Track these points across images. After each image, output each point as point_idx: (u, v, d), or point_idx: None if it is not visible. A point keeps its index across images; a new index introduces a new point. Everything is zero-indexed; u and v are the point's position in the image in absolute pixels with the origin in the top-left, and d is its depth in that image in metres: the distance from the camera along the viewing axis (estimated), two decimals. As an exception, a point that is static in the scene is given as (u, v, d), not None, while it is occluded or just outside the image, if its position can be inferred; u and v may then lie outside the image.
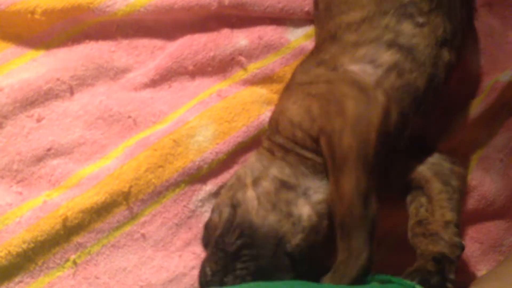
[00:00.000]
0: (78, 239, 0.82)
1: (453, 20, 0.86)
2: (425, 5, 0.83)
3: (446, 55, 0.84)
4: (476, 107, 0.98)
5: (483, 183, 0.99)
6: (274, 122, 0.85)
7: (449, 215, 0.80)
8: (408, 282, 0.69)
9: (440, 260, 0.74)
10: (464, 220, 0.98)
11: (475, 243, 0.99)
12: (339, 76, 0.80)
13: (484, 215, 1.00)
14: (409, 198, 0.84)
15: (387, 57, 0.80)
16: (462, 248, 0.77)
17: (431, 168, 0.84)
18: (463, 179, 0.86)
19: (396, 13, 0.82)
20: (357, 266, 0.69)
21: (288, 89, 0.88)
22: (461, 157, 0.98)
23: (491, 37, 1.04)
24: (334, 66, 0.82)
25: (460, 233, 0.80)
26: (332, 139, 0.73)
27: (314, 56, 0.89)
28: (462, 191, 0.84)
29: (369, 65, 0.80)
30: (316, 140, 0.77)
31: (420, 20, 0.82)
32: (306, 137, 0.78)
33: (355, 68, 0.80)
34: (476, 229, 1.00)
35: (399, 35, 0.82)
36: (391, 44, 0.81)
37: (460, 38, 0.88)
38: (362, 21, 0.83)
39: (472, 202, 0.99)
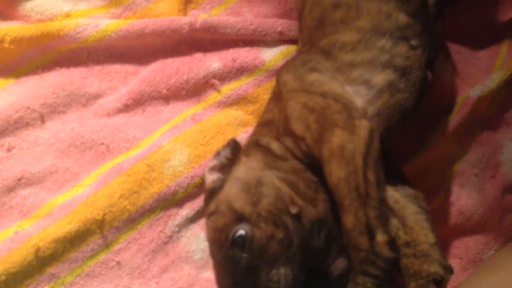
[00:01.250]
0: (51, 269, 0.80)
1: (436, 40, 0.88)
2: (418, 27, 0.85)
3: (429, 75, 0.87)
4: (449, 123, 0.97)
5: (460, 198, 0.99)
6: (281, 128, 0.83)
7: (432, 236, 0.81)
8: None
9: (440, 282, 0.75)
10: (442, 236, 0.98)
11: (455, 259, 0.99)
12: (333, 94, 0.79)
13: (462, 230, 1.00)
14: None
15: (382, 77, 0.81)
16: (452, 270, 0.77)
17: (398, 191, 0.84)
18: (426, 202, 0.86)
19: (392, 36, 0.83)
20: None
21: (282, 96, 0.86)
22: (437, 173, 0.98)
23: (460, 54, 1.04)
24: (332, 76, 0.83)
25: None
26: (325, 168, 0.75)
27: (303, 61, 0.87)
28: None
29: (363, 86, 0.81)
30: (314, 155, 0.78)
31: (414, 42, 0.84)
32: (307, 150, 0.79)
33: (349, 89, 0.80)
34: (455, 245, 1.00)
35: (395, 57, 0.82)
36: (386, 65, 0.82)
37: (438, 54, 0.90)
38: (358, 41, 0.83)
39: (450, 218, 0.99)
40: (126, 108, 0.92)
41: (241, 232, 0.74)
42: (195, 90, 0.96)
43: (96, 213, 0.82)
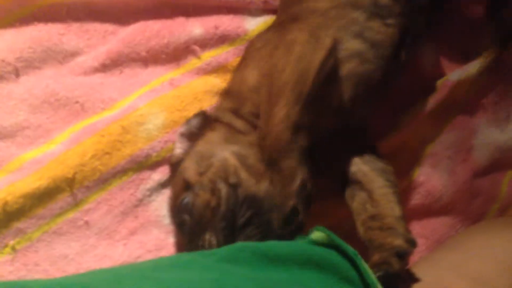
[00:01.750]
0: (18, 224, 0.79)
1: (415, 23, 0.88)
2: (397, 8, 0.84)
3: (402, 55, 0.87)
4: (425, 104, 0.98)
5: (431, 179, 1.00)
6: (236, 94, 0.85)
7: (398, 209, 0.81)
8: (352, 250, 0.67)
9: (403, 255, 0.75)
10: (410, 215, 0.99)
11: (421, 238, 1.00)
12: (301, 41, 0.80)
13: (430, 211, 1.01)
14: (348, 193, 0.85)
15: (351, 44, 0.82)
16: (415, 244, 0.78)
17: (367, 164, 0.85)
18: (395, 176, 0.87)
19: (367, 11, 0.83)
20: (293, 187, 0.72)
21: (244, 58, 0.88)
22: (410, 153, 0.99)
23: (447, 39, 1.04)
24: None
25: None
26: (273, 77, 0.75)
27: (272, 31, 0.88)
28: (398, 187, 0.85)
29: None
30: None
31: (389, 21, 0.84)
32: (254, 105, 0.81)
33: None
34: (422, 225, 1.01)
35: (365, 30, 0.82)
36: (357, 35, 0.82)
37: (417, 40, 0.91)
38: (330, 8, 0.83)
39: (419, 198, 1.00)
40: (104, 67, 0.90)
41: (186, 199, 0.77)
42: (175, 54, 0.94)
43: (66, 171, 0.81)
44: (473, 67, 1.00)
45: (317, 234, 0.69)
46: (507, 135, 1.04)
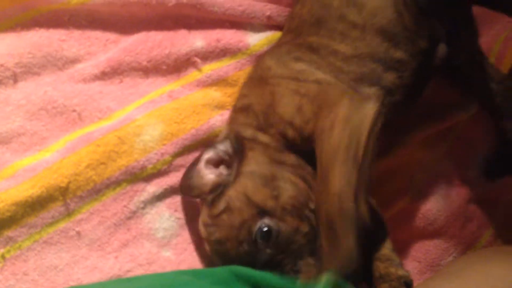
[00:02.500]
0: (8, 232, 0.78)
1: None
2: (414, 64, 0.86)
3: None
4: (422, 129, 0.98)
5: (426, 202, 1.01)
6: (262, 115, 0.82)
7: (389, 243, 0.83)
8: None
9: (409, 284, 0.77)
10: (404, 238, 0.99)
11: (414, 262, 1.00)
12: (328, 82, 0.81)
13: (423, 234, 1.01)
14: None
15: (368, 90, 0.83)
16: (411, 280, 0.79)
17: None
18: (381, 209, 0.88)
19: (385, 65, 0.84)
20: (345, 266, 0.68)
21: (266, 81, 0.85)
22: (404, 176, 0.99)
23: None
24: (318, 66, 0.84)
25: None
26: (322, 137, 0.73)
27: (288, 50, 0.87)
28: None
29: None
30: (307, 140, 0.77)
31: (405, 74, 0.85)
32: (297, 136, 0.78)
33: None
34: (415, 248, 1.01)
35: (382, 79, 0.84)
36: (373, 83, 0.84)
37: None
38: (351, 56, 0.84)
39: (413, 221, 1.00)
40: (103, 76, 0.90)
41: (267, 226, 0.72)
42: (176, 65, 0.94)
43: (60, 180, 0.80)
44: (472, 108, 1.02)
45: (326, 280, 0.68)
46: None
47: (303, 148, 0.78)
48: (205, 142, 0.90)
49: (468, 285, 0.80)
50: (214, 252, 0.77)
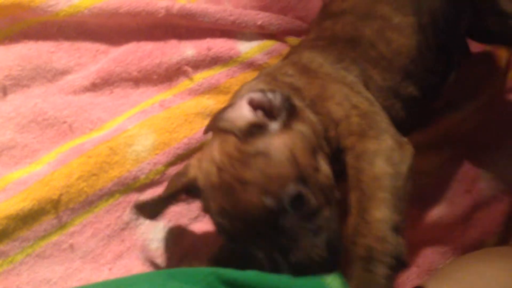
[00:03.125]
0: (0, 246, 0.78)
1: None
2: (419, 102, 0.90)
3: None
4: (424, 134, 0.98)
5: (427, 209, 0.99)
6: (309, 101, 0.80)
7: None
8: None
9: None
10: (406, 241, 0.99)
11: (413, 267, 1.00)
12: (378, 107, 0.81)
13: (423, 240, 1.00)
14: None
15: None
16: None
17: None
18: None
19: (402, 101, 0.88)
20: None
21: (316, 74, 0.84)
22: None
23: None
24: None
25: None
26: (364, 158, 0.73)
27: (338, 57, 0.88)
28: None
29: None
30: (340, 149, 0.76)
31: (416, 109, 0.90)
32: (335, 139, 0.77)
33: None
34: (415, 253, 1.00)
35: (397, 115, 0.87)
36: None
37: None
38: (380, 87, 0.87)
39: (413, 226, 0.99)
40: (94, 87, 0.91)
41: (301, 192, 0.69)
42: (167, 75, 0.95)
43: (52, 192, 0.81)
44: (469, 105, 1.01)
45: (333, 282, 0.67)
46: None
47: (330, 150, 0.78)
48: (198, 151, 0.91)
49: (461, 286, 0.80)
50: (225, 192, 0.71)
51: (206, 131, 0.77)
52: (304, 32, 1.04)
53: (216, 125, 0.74)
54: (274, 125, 0.72)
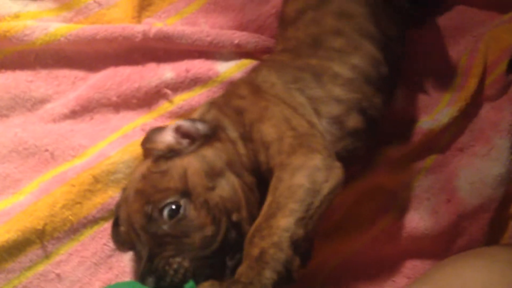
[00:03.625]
0: (-14, 279, 0.78)
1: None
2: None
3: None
4: (399, 148, 1.00)
5: (412, 220, 1.00)
6: (248, 126, 0.83)
7: None
8: None
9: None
10: (392, 255, 1.00)
11: (403, 278, 1.00)
12: (318, 129, 0.83)
13: (412, 251, 1.01)
14: None
15: (354, 123, 0.87)
16: None
17: None
18: None
19: (375, 85, 0.90)
20: None
21: (264, 95, 0.87)
22: (384, 195, 1.00)
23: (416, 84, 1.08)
24: (315, 108, 0.86)
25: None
26: (286, 170, 0.75)
27: (295, 77, 0.89)
28: None
29: (336, 125, 0.86)
30: (269, 170, 0.78)
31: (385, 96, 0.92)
32: (265, 163, 0.79)
33: (324, 124, 0.85)
34: (404, 265, 1.01)
35: (371, 107, 0.89)
36: (362, 112, 0.88)
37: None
38: (350, 80, 0.88)
39: (400, 239, 1.00)
40: (73, 114, 0.91)
41: (179, 205, 0.74)
42: (146, 99, 0.96)
43: (36, 222, 0.81)
44: (444, 117, 1.03)
45: None
46: (492, 171, 1.04)
47: (264, 177, 0.79)
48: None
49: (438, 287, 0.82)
50: (122, 200, 0.81)
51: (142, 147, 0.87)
52: (281, 50, 1.05)
53: (143, 144, 0.85)
54: (188, 149, 0.80)
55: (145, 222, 0.74)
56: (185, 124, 0.82)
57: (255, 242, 0.70)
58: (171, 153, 0.80)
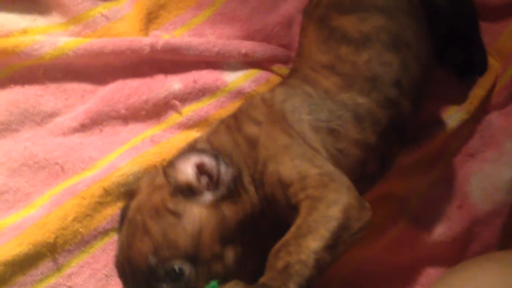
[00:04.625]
0: (-2, 293, 0.80)
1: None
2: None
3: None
4: (410, 154, 1.01)
5: (424, 227, 1.01)
6: (261, 165, 0.80)
7: None
8: None
9: None
10: (405, 263, 1.00)
11: (417, 286, 1.01)
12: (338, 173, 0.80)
13: (425, 259, 1.02)
14: None
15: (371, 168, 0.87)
16: None
17: None
18: None
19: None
20: None
21: (287, 130, 0.82)
22: (396, 202, 1.01)
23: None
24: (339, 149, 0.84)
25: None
26: (320, 201, 0.74)
27: (328, 99, 0.86)
28: None
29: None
30: (291, 206, 0.76)
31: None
32: (283, 200, 0.78)
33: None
34: (418, 272, 1.02)
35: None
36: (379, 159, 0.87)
37: None
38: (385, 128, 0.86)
39: (413, 246, 1.01)
40: (83, 127, 0.93)
41: (184, 271, 0.72)
42: (155, 110, 0.97)
43: (47, 235, 0.82)
44: (452, 121, 1.04)
45: None
46: (504, 176, 1.05)
47: (279, 213, 0.79)
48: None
49: None
50: (129, 231, 0.76)
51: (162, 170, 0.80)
52: (289, 60, 1.06)
53: (164, 168, 0.79)
54: (207, 196, 0.76)
55: (146, 272, 0.72)
56: (209, 163, 0.77)
57: (280, 256, 0.70)
58: (189, 191, 0.76)
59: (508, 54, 1.09)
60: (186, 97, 0.99)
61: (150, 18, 1.05)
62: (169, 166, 0.79)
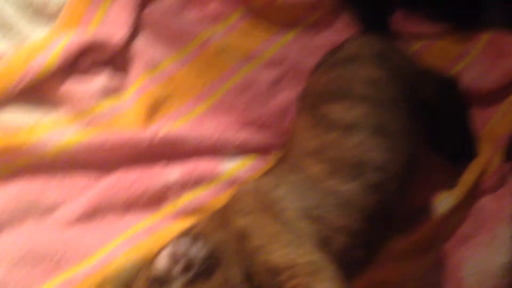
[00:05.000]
0: None
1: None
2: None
3: None
4: (401, 241, 1.02)
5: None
6: (252, 249, 0.81)
7: None
8: None
9: None
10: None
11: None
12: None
13: None
14: None
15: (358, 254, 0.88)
16: None
17: None
18: None
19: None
20: None
21: (275, 218, 0.83)
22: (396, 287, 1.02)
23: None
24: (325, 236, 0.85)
25: None
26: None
27: (316, 187, 0.87)
28: None
29: None
30: None
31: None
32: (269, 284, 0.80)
33: None
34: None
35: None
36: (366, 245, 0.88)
37: None
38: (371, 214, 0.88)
39: None
40: (82, 219, 0.97)
41: None
42: (152, 200, 1.02)
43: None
44: (444, 205, 1.06)
45: None
46: (497, 260, 1.05)
47: None
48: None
49: None
50: None
51: None
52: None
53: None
54: (177, 282, 0.77)
55: None
56: (179, 249, 0.79)
57: None
58: (161, 282, 0.77)
59: (498, 138, 1.12)
60: (182, 187, 1.03)
61: (155, 109, 1.11)
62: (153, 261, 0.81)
